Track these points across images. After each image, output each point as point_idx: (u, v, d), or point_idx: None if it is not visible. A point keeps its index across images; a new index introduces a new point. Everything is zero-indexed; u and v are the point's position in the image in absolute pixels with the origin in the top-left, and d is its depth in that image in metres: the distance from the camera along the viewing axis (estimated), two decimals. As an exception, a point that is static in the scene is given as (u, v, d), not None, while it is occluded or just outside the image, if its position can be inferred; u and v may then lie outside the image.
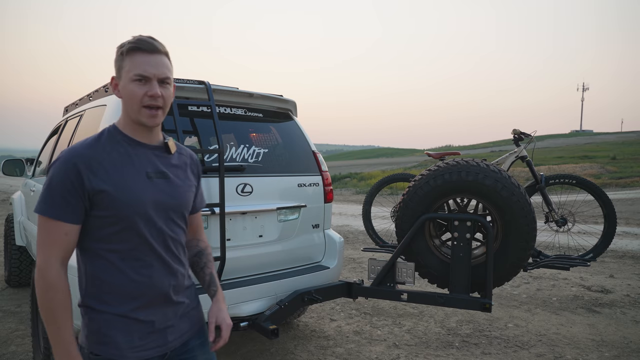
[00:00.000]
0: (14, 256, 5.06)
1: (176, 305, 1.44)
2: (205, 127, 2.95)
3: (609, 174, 20.58)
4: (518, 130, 4.50)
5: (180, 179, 1.46)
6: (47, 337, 2.76)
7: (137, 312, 1.35)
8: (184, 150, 1.54)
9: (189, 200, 1.49)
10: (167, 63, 1.35)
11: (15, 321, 4.19)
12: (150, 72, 1.29)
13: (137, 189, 1.32)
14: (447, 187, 2.97)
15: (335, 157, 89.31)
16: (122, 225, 1.31)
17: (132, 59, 1.29)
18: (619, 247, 7.26)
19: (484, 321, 4.20)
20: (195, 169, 1.55)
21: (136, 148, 1.37)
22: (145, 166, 1.37)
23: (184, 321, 1.47)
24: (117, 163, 1.32)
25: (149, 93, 1.30)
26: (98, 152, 1.31)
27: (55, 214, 1.26)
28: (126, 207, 1.30)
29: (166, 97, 1.34)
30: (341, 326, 4.14)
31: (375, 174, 27.47)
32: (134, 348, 1.34)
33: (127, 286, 1.33)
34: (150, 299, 1.37)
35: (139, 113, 1.32)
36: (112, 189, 1.28)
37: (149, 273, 1.36)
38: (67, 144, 3.62)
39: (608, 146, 37.80)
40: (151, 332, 1.38)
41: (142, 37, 1.32)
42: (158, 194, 1.37)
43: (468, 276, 2.94)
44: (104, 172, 1.29)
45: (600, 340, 3.74)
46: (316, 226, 3.34)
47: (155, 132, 1.42)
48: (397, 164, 40.09)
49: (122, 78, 1.32)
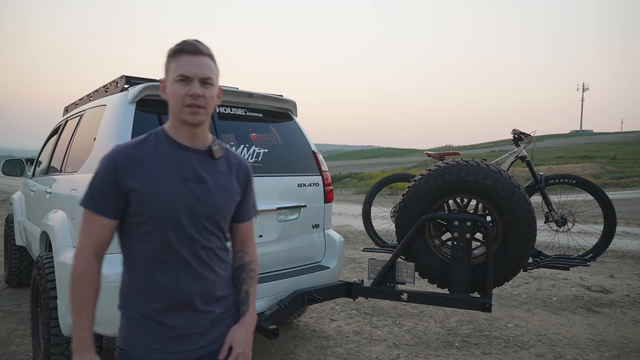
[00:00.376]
0: (14, 256, 5.06)
1: (204, 314, 1.40)
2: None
3: (609, 174, 20.58)
4: (518, 130, 4.50)
5: (220, 186, 1.41)
6: (47, 337, 2.77)
7: (160, 314, 1.35)
8: (232, 156, 1.49)
9: (226, 207, 1.43)
10: (211, 64, 1.36)
11: (15, 321, 4.19)
12: (191, 72, 1.32)
13: (169, 192, 1.32)
14: (447, 187, 2.97)
15: (335, 157, 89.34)
16: (150, 226, 1.32)
17: (176, 61, 1.33)
18: (619, 247, 7.26)
19: (484, 321, 4.20)
20: (242, 177, 1.50)
21: (178, 150, 1.37)
22: (183, 169, 1.36)
23: (213, 330, 1.43)
24: (155, 164, 1.34)
25: (190, 92, 1.31)
26: (140, 151, 1.35)
27: (92, 207, 1.32)
28: (154, 207, 1.31)
29: (208, 97, 1.34)
30: (341, 326, 4.14)
31: (375, 174, 27.46)
32: (154, 350, 1.35)
33: (152, 287, 1.35)
34: (174, 304, 1.36)
35: (180, 112, 1.34)
36: (142, 188, 1.30)
37: (175, 277, 1.35)
38: (67, 144, 3.63)
39: (608, 146, 37.80)
40: (174, 337, 1.37)
41: (187, 40, 1.36)
42: (191, 198, 1.34)
43: (468, 276, 2.94)
44: (139, 171, 1.32)
45: (600, 340, 3.74)
46: (316, 226, 3.34)
47: (200, 136, 1.40)
48: (397, 164, 40.09)
49: (168, 80, 1.36)
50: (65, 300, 2.66)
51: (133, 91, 2.76)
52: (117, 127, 2.69)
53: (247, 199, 1.52)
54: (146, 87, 2.76)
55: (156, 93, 2.83)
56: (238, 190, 1.47)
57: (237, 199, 1.47)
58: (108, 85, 3.25)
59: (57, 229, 2.88)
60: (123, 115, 2.73)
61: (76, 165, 3.08)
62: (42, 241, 3.37)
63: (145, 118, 2.78)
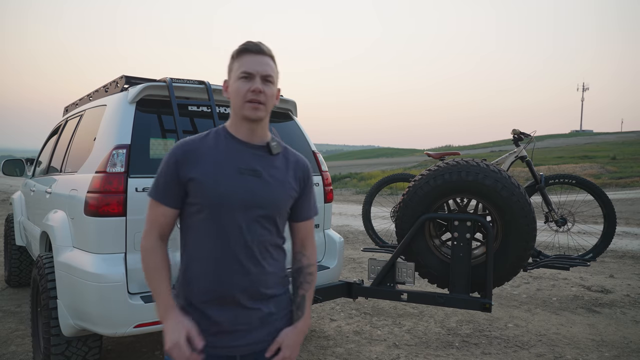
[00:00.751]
0: (14, 256, 5.06)
1: (250, 310, 1.41)
2: (205, 127, 2.96)
3: (609, 174, 20.59)
4: (518, 131, 4.50)
5: (276, 180, 1.44)
6: (47, 337, 2.77)
7: (206, 306, 1.39)
8: (291, 154, 1.52)
9: (280, 202, 1.45)
10: (272, 64, 1.42)
11: (15, 321, 4.19)
12: (254, 69, 1.37)
13: (223, 182, 1.37)
14: (447, 187, 2.97)
15: (335, 157, 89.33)
16: (204, 215, 1.38)
17: (240, 60, 1.40)
18: (619, 247, 7.26)
19: (484, 321, 4.20)
20: (300, 174, 1.51)
21: (236, 145, 1.43)
22: (239, 162, 1.41)
23: (261, 329, 1.43)
24: (213, 156, 1.40)
25: (252, 88, 1.37)
26: (200, 145, 1.42)
27: (156, 197, 1.42)
28: (208, 195, 1.37)
29: (268, 94, 1.40)
30: (341, 326, 4.14)
31: (375, 174, 27.47)
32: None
33: (199, 277, 1.40)
34: (219, 297, 1.38)
35: (242, 107, 1.39)
36: (199, 178, 1.37)
37: (220, 269, 1.38)
38: (67, 144, 3.63)
39: (608, 146, 37.81)
40: (218, 332, 1.39)
41: (250, 41, 1.42)
42: (244, 190, 1.38)
43: (468, 276, 2.94)
44: (198, 163, 1.39)
45: (600, 340, 3.74)
46: (316, 226, 3.34)
47: (259, 133, 1.44)
48: (397, 164, 40.09)
49: (231, 78, 1.43)
50: (65, 300, 2.66)
51: (133, 91, 2.76)
52: (117, 127, 2.69)
53: (305, 198, 1.54)
54: (146, 87, 2.76)
55: (156, 93, 2.83)
56: (294, 186, 1.49)
57: (293, 195, 1.48)
58: (108, 85, 3.25)
59: (57, 229, 2.88)
60: (123, 115, 2.73)
61: (76, 165, 3.08)
62: (42, 241, 3.37)
63: (145, 118, 2.79)
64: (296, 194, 1.50)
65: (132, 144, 2.65)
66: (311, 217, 1.58)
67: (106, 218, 2.52)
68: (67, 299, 2.64)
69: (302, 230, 1.58)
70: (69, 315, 2.62)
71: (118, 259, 2.54)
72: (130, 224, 2.56)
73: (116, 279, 2.48)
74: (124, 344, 3.69)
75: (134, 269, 2.55)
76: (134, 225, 2.57)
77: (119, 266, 2.52)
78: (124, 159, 2.58)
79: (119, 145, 2.61)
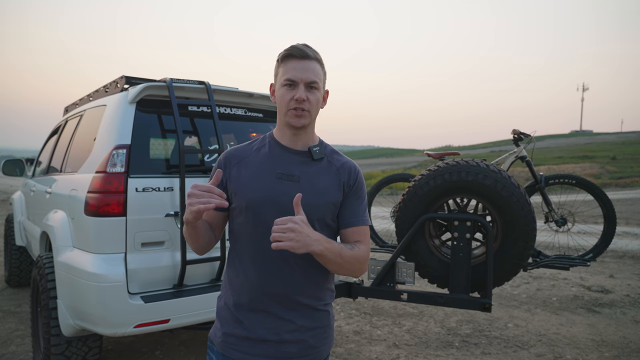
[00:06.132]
0: (14, 256, 5.06)
1: (281, 321, 1.37)
2: (205, 127, 2.96)
3: (609, 174, 20.59)
4: (518, 131, 4.50)
5: (315, 186, 1.39)
6: (47, 337, 2.76)
7: (238, 310, 1.40)
8: (335, 160, 1.47)
9: (319, 208, 1.38)
10: (317, 68, 1.39)
11: (15, 321, 4.19)
12: (297, 76, 1.35)
13: (259, 186, 1.38)
14: (447, 187, 2.97)
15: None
16: (243, 218, 1.40)
17: (284, 66, 1.38)
18: (619, 247, 7.27)
19: (484, 321, 4.20)
20: (345, 179, 1.44)
21: (278, 151, 1.44)
22: (279, 167, 1.41)
23: (292, 344, 1.38)
24: (253, 161, 1.43)
25: (295, 97, 1.35)
26: (244, 151, 1.47)
27: None
28: (245, 198, 1.38)
29: (312, 101, 1.38)
30: (341, 326, 4.14)
31: (375, 174, 27.46)
32: (230, 345, 1.39)
33: (234, 280, 1.42)
34: (250, 301, 1.37)
35: (286, 115, 1.39)
36: (237, 181, 1.41)
37: (253, 274, 1.37)
38: (67, 144, 3.63)
39: (608, 146, 37.81)
40: (246, 338, 1.38)
41: (295, 45, 1.39)
42: (280, 194, 1.36)
43: (468, 276, 2.94)
44: (240, 167, 1.43)
45: (600, 340, 3.74)
46: (316, 226, 3.34)
47: (302, 139, 1.44)
48: (397, 164, 40.09)
49: (277, 84, 1.42)
50: (65, 300, 2.66)
51: (133, 91, 2.76)
52: (117, 127, 2.69)
53: (349, 204, 1.44)
54: (146, 87, 2.76)
55: (156, 93, 2.83)
56: (337, 193, 1.42)
57: (332, 200, 1.41)
58: (108, 86, 3.25)
59: (57, 229, 2.88)
60: (123, 115, 2.73)
61: (76, 165, 3.08)
62: (42, 241, 3.37)
63: (145, 118, 2.79)
64: (337, 200, 1.43)
65: (132, 144, 2.65)
66: (355, 225, 1.44)
67: (106, 218, 2.52)
68: (67, 299, 2.64)
69: (349, 238, 1.44)
70: (69, 315, 2.62)
71: (118, 259, 2.54)
72: (130, 224, 2.56)
73: (116, 279, 2.48)
74: (124, 344, 3.69)
75: (134, 268, 2.55)
76: (134, 225, 2.57)
77: (119, 266, 2.52)
78: (124, 159, 2.58)
79: (119, 145, 2.61)
